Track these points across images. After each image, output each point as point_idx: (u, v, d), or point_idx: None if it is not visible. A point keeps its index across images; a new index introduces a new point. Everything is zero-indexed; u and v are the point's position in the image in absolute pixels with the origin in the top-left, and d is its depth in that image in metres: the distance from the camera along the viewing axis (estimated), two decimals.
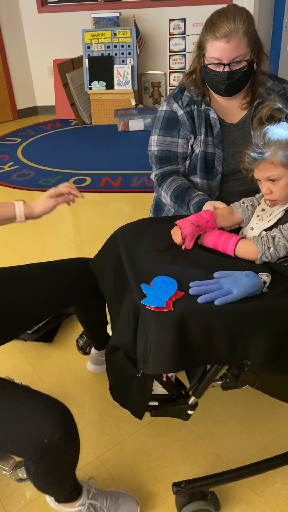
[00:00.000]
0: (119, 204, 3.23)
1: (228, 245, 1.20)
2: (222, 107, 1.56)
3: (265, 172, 1.14)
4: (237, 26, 1.35)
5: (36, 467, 1.04)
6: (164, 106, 1.60)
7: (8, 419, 1.02)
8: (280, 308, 1.05)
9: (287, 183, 1.13)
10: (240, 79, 1.44)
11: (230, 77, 1.42)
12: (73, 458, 1.12)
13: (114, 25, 4.85)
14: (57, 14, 5.07)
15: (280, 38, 4.85)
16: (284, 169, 1.12)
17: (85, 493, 1.23)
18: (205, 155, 1.54)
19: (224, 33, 1.35)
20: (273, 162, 1.11)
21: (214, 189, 1.59)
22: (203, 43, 1.42)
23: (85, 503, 1.22)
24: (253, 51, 1.43)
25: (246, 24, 1.36)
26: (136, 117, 4.66)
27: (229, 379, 1.25)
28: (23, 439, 1.01)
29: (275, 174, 1.12)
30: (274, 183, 1.14)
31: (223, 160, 1.56)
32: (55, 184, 3.52)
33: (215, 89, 1.49)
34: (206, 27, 1.40)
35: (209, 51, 1.40)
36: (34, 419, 1.01)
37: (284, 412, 1.62)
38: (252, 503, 1.35)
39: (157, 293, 1.06)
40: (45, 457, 1.01)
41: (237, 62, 1.40)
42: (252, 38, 1.40)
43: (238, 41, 1.36)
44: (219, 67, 1.41)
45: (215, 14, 1.40)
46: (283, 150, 1.10)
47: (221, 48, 1.37)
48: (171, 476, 1.44)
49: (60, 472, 1.10)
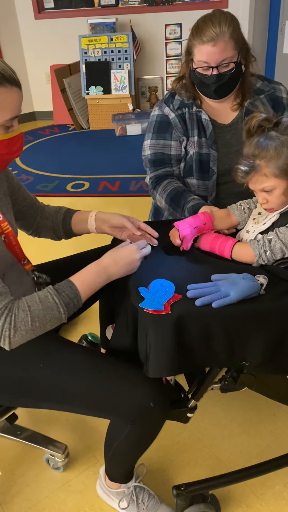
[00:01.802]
0: (118, 208, 3.23)
1: (225, 248, 1.20)
2: (213, 109, 1.58)
3: (259, 184, 1.14)
4: (222, 30, 1.38)
5: (131, 429, 1.13)
6: (156, 110, 1.62)
7: (117, 379, 1.10)
8: (277, 310, 1.06)
9: (281, 192, 1.13)
10: (229, 81, 1.47)
11: (219, 80, 1.45)
12: (155, 435, 1.20)
13: (111, 31, 4.87)
14: (54, 20, 5.10)
15: (276, 41, 4.88)
16: (277, 180, 1.12)
17: (133, 481, 1.31)
18: (200, 156, 1.56)
19: (211, 37, 1.38)
20: (265, 174, 1.12)
21: (211, 189, 1.60)
22: (191, 48, 1.46)
23: (130, 488, 1.31)
24: (240, 53, 1.46)
25: (231, 27, 1.39)
26: (134, 121, 4.68)
27: (228, 381, 1.25)
28: (130, 399, 1.08)
29: (269, 185, 1.13)
30: (269, 193, 1.15)
31: (218, 161, 1.57)
32: (53, 189, 3.53)
33: (205, 92, 1.52)
34: (192, 33, 1.44)
35: (197, 55, 1.43)
36: (141, 382, 1.08)
37: (283, 414, 1.62)
38: (253, 505, 1.35)
39: (155, 296, 1.07)
40: (144, 421, 1.11)
41: (225, 64, 1.42)
42: (239, 40, 1.43)
43: (224, 44, 1.39)
44: (208, 70, 1.44)
45: (200, 20, 1.44)
46: (274, 161, 1.10)
47: (208, 51, 1.40)
48: (171, 479, 1.44)
49: (146, 442, 1.21)
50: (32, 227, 1.39)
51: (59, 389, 1.13)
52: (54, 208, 1.39)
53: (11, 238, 1.14)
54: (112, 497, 1.34)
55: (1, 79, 0.96)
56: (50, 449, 1.45)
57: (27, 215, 1.36)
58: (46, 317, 1.02)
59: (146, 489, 1.32)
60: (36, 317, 1.01)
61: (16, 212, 1.30)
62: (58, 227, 1.36)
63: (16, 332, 0.99)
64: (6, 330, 0.98)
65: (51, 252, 1.63)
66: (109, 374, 1.12)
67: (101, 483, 1.37)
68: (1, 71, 0.96)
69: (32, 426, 1.60)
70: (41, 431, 1.54)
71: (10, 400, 1.23)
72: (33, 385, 1.14)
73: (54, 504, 1.39)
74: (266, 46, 4.99)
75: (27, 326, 1.00)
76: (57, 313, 1.04)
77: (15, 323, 0.99)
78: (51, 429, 1.61)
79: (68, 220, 1.35)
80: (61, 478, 1.46)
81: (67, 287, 1.07)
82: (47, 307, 1.02)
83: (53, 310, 1.03)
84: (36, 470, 1.49)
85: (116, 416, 1.15)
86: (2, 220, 1.12)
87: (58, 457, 1.44)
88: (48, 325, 1.04)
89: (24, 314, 1.00)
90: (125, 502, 1.31)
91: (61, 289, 1.06)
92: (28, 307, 1.01)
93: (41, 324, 1.02)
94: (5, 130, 1.01)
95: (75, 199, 3.37)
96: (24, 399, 1.17)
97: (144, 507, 1.30)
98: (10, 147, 1.04)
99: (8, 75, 0.97)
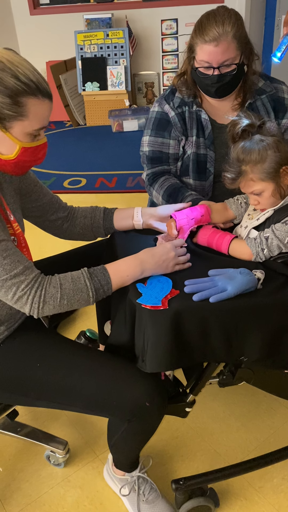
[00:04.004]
0: (115, 204, 3.20)
1: (222, 244, 1.21)
2: (213, 108, 1.57)
3: (248, 188, 1.16)
4: (226, 30, 1.35)
5: (128, 426, 1.14)
6: (155, 107, 1.61)
7: (113, 379, 1.12)
8: (274, 304, 1.06)
9: (271, 193, 1.15)
10: (230, 81, 1.45)
11: (220, 80, 1.43)
12: (154, 430, 1.22)
13: (107, 26, 4.85)
14: (49, 16, 5.07)
15: (272, 37, 4.86)
16: (264, 183, 1.13)
17: (137, 470, 1.33)
18: (197, 156, 1.55)
19: (213, 37, 1.35)
20: (252, 178, 1.13)
21: (207, 189, 1.60)
22: (193, 46, 1.43)
23: (134, 477, 1.32)
24: (243, 54, 1.43)
25: (235, 27, 1.36)
26: (130, 117, 4.67)
27: (226, 376, 1.26)
28: (126, 399, 1.10)
29: (257, 189, 1.14)
30: (259, 196, 1.16)
31: (215, 161, 1.56)
32: (50, 186, 3.53)
33: (206, 91, 1.50)
34: (195, 30, 1.40)
35: (199, 54, 1.41)
36: (137, 382, 1.10)
37: (281, 408, 1.63)
38: (251, 498, 1.36)
39: (153, 292, 1.07)
40: (141, 418, 1.12)
41: (227, 65, 1.40)
42: (242, 40, 1.40)
43: (227, 44, 1.36)
44: (209, 70, 1.42)
45: (204, 17, 1.40)
46: (259, 165, 1.11)
47: (210, 51, 1.38)
48: (170, 473, 1.44)
49: (144, 437, 1.22)
50: (56, 224, 1.37)
51: (56, 388, 1.14)
52: (89, 208, 1.41)
53: (21, 239, 1.16)
54: (116, 482, 1.37)
55: (35, 90, 0.98)
56: (51, 445, 1.45)
57: (47, 212, 1.35)
58: (75, 297, 1.07)
59: (149, 481, 1.34)
60: (65, 295, 1.06)
61: (35, 209, 1.31)
62: (98, 224, 1.38)
63: (45, 305, 1.05)
64: (35, 302, 1.04)
65: (46, 248, 1.63)
66: (105, 374, 1.13)
67: (108, 467, 1.41)
68: (36, 83, 0.98)
69: (32, 422, 1.61)
70: (41, 427, 1.54)
71: (9, 399, 1.24)
72: (30, 384, 1.15)
73: (53, 499, 1.40)
74: (262, 41, 4.97)
75: (56, 302, 1.05)
76: (86, 296, 1.08)
77: (44, 297, 1.04)
78: (50, 425, 1.61)
79: (110, 217, 1.38)
80: (61, 474, 1.47)
81: (100, 273, 1.10)
82: (78, 288, 1.07)
83: (83, 292, 1.07)
84: (35, 466, 1.50)
85: (113, 415, 1.16)
86: (13, 221, 1.13)
87: (59, 453, 1.45)
88: (75, 305, 1.08)
89: (55, 290, 1.05)
90: (127, 490, 1.33)
91: (95, 274, 1.10)
92: (60, 284, 1.06)
93: (69, 303, 1.07)
94: (32, 139, 1.04)
95: (72, 195, 3.37)
96: (22, 397, 1.18)
97: (144, 498, 1.31)
98: (35, 155, 1.07)
99: (43, 88, 0.99)
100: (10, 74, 0.95)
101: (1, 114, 0.97)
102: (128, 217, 1.36)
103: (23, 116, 0.98)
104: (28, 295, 1.03)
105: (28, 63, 1.00)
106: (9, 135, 1.00)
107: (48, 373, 1.14)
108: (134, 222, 1.35)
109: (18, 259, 1.04)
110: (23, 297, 1.03)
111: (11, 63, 0.96)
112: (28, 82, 0.96)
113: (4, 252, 1.02)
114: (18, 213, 1.21)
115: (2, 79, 0.95)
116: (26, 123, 1.00)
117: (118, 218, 1.38)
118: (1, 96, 0.95)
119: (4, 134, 1.00)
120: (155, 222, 1.34)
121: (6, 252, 1.03)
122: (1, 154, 1.03)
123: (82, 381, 1.12)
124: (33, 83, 0.97)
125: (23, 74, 0.96)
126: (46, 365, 1.15)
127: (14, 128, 0.99)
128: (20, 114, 0.98)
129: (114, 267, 1.12)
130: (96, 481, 1.43)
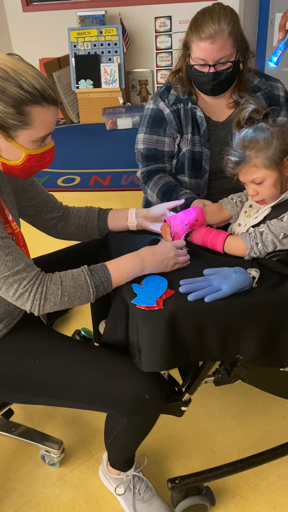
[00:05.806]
0: (109, 202, 3.22)
1: (217, 242, 1.20)
2: (209, 106, 1.56)
3: (249, 175, 1.14)
4: (221, 27, 1.34)
5: (128, 421, 1.14)
6: (150, 104, 1.60)
7: (112, 373, 1.12)
8: (270, 303, 1.06)
9: (272, 183, 1.13)
10: (226, 79, 1.44)
11: (216, 78, 1.43)
12: (152, 425, 1.22)
13: (100, 23, 4.83)
14: (42, 13, 5.03)
15: (266, 34, 4.86)
16: (267, 171, 1.12)
17: (132, 469, 1.33)
18: (193, 154, 1.55)
19: (209, 34, 1.34)
20: (255, 164, 1.12)
21: (203, 187, 1.59)
22: (188, 43, 1.42)
23: (129, 476, 1.32)
24: (239, 51, 1.43)
25: (231, 25, 1.35)
26: (124, 115, 4.65)
27: (222, 374, 1.26)
28: (125, 392, 1.10)
29: (259, 176, 1.13)
30: (259, 185, 1.15)
31: (210, 159, 1.56)
32: (43, 184, 3.51)
33: (201, 88, 1.50)
34: (191, 27, 1.39)
35: (194, 51, 1.40)
36: (136, 375, 1.10)
37: (277, 406, 1.63)
38: (247, 496, 1.37)
39: (148, 292, 1.07)
40: (140, 413, 1.12)
41: (223, 63, 1.40)
42: (238, 38, 1.39)
43: (223, 42, 1.36)
44: (205, 67, 1.41)
45: (200, 14, 1.39)
46: (264, 152, 1.10)
47: (206, 49, 1.37)
48: (166, 472, 1.44)
49: (143, 432, 1.23)
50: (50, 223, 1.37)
51: (54, 383, 1.14)
52: (84, 208, 1.41)
53: (19, 238, 1.16)
54: (111, 482, 1.37)
55: (40, 98, 0.97)
56: (45, 445, 1.45)
57: (42, 211, 1.34)
58: (75, 294, 1.08)
59: (145, 480, 1.33)
60: (66, 292, 1.06)
61: (30, 207, 1.30)
62: (92, 225, 1.37)
63: (46, 302, 1.05)
64: (37, 299, 1.04)
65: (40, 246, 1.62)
66: (104, 368, 1.14)
67: (103, 467, 1.40)
68: (41, 90, 0.97)
69: (26, 422, 1.60)
70: (35, 427, 1.54)
71: (6, 396, 1.23)
72: (28, 380, 1.15)
73: (49, 499, 1.39)
74: (256, 38, 4.97)
75: (57, 299, 1.06)
76: (86, 293, 1.08)
77: (45, 294, 1.05)
78: (45, 425, 1.61)
79: (104, 218, 1.37)
80: (56, 473, 1.46)
81: (100, 270, 1.11)
82: (78, 285, 1.08)
83: (83, 289, 1.08)
84: (30, 466, 1.49)
85: (113, 409, 1.16)
86: (11, 220, 1.13)
87: (54, 453, 1.44)
88: (76, 302, 1.09)
89: (56, 287, 1.06)
90: (122, 489, 1.33)
91: (95, 271, 1.11)
92: (60, 281, 1.07)
93: (70, 300, 1.07)
94: (39, 145, 1.04)
95: (66, 193, 3.35)
96: (20, 394, 1.18)
97: (139, 497, 1.31)
98: (42, 160, 1.08)
99: (48, 95, 0.98)
100: (13, 84, 0.94)
101: (6, 123, 0.96)
102: (122, 218, 1.36)
103: (28, 125, 0.98)
104: (29, 292, 1.04)
105: (33, 69, 0.99)
106: (15, 144, 1.00)
107: (47, 368, 1.14)
108: (128, 224, 1.35)
109: (20, 256, 1.05)
110: (25, 294, 1.04)
111: (15, 72, 0.95)
112: (32, 90, 0.96)
113: (7, 249, 1.02)
114: (15, 211, 1.21)
115: (6, 89, 0.94)
116: (32, 131, 1.00)
117: (112, 219, 1.37)
118: (5, 106, 0.94)
119: (10, 143, 1.00)
120: (149, 224, 1.34)
121: (8, 249, 1.03)
122: (7, 160, 1.03)
123: (82, 375, 1.13)
124: (37, 91, 0.96)
125: (27, 82, 0.95)
126: (45, 361, 1.15)
127: (19, 137, 0.99)
128: (25, 123, 0.98)
129: (114, 264, 1.13)
130: (92, 480, 1.43)
